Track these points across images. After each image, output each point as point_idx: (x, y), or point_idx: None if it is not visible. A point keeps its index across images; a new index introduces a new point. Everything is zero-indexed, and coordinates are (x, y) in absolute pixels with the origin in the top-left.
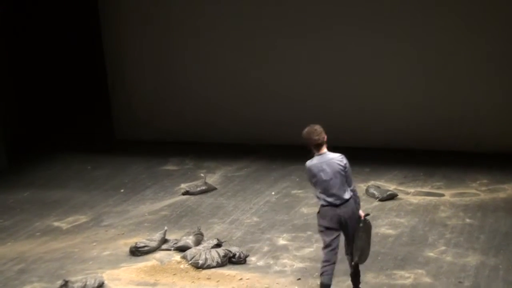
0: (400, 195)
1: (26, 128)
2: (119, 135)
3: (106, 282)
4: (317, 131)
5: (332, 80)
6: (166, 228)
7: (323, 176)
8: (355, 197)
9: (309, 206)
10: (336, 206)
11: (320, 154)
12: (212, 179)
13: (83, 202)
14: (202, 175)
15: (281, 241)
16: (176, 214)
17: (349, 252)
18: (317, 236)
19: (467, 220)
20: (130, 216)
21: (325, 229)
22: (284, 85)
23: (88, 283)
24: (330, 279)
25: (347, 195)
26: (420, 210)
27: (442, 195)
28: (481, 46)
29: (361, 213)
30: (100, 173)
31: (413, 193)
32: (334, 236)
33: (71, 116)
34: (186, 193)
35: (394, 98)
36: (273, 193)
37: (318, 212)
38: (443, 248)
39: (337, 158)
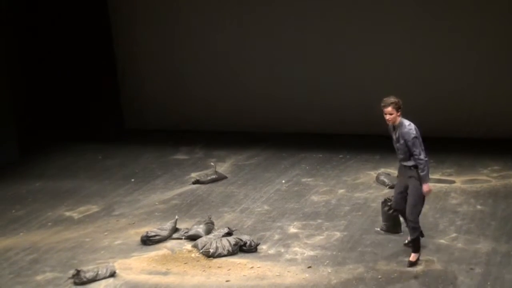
0: None
1: (37, 119)
2: (129, 124)
3: (117, 271)
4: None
5: (343, 68)
6: (177, 217)
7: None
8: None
9: (319, 194)
10: None
11: None
12: (223, 168)
13: (94, 192)
14: (212, 164)
15: (292, 229)
16: (187, 203)
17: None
18: (327, 224)
19: (478, 207)
20: (141, 206)
21: None
22: (294, 73)
23: (100, 272)
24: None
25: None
26: (430, 197)
27: (453, 182)
28: (492, 33)
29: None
30: (111, 163)
31: None
32: None
33: (81, 107)
34: (197, 182)
35: (404, 86)
36: (283, 181)
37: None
38: (454, 235)
39: None
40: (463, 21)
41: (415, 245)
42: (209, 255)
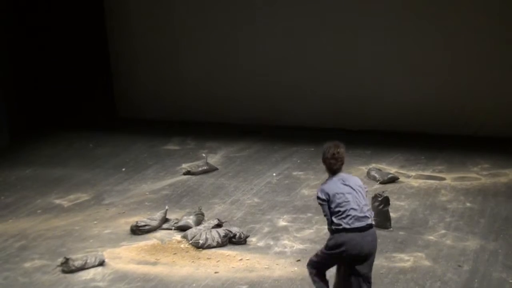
0: (401, 178)
1: (28, 105)
2: (121, 113)
3: (106, 260)
4: (341, 154)
5: (335, 62)
6: (167, 207)
7: (348, 189)
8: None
9: (310, 187)
10: (363, 230)
11: (339, 173)
12: (214, 159)
13: (84, 180)
14: (203, 155)
15: (282, 222)
16: (177, 194)
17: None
18: (317, 217)
19: (468, 204)
20: (131, 195)
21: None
22: (287, 67)
23: (88, 261)
24: None
25: (370, 219)
26: (420, 194)
27: (443, 179)
28: (482, 30)
29: None
30: (102, 152)
31: (414, 177)
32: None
33: (73, 94)
34: (188, 173)
35: (397, 82)
36: (274, 174)
37: (330, 240)
38: (443, 231)
39: (354, 177)
40: (456, 19)
41: None
42: (198, 246)
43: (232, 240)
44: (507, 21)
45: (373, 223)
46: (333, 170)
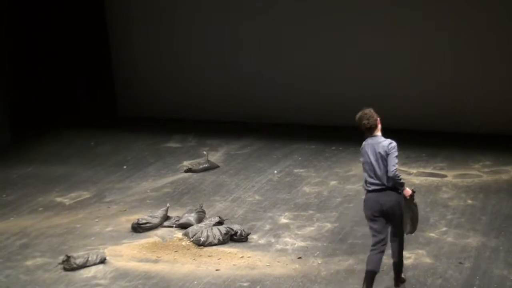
0: (403, 176)
1: (29, 104)
2: (122, 111)
3: (108, 258)
4: (367, 115)
5: (337, 61)
6: (168, 205)
7: (367, 158)
8: (395, 182)
9: (311, 185)
10: (377, 191)
11: (371, 137)
12: (215, 157)
13: (86, 178)
14: (204, 152)
15: (283, 220)
16: (178, 191)
17: (394, 239)
18: (319, 215)
19: (469, 202)
20: (133, 193)
21: (368, 218)
22: (288, 65)
23: (90, 259)
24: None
25: (390, 182)
26: (422, 191)
27: (445, 176)
28: (484, 27)
29: (408, 190)
30: (103, 150)
31: (416, 174)
32: (382, 224)
33: (74, 92)
34: (189, 170)
35: (399, 80)
36: (275, 171)
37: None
38: (444, 229)
39: (383, 142)
40: (458, 17)
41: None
42: (199, 244)
43: (233, 238)
44: (509, 19)
45: (389, 185)
46: (366, 130)
